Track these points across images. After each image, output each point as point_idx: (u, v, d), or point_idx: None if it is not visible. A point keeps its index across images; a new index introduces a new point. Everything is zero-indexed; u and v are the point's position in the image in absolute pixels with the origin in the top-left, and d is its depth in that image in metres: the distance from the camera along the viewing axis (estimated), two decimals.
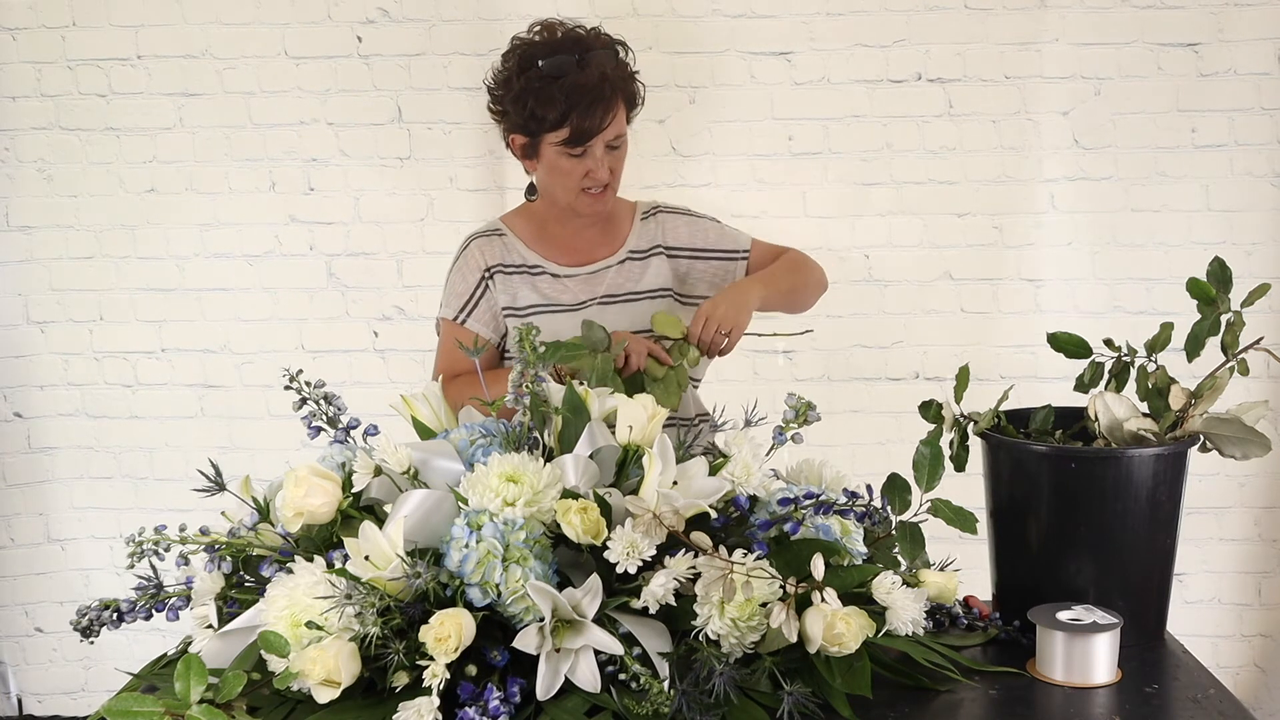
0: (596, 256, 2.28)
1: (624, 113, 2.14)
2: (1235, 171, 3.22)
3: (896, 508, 1.59)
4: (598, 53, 2.10)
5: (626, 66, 2.15)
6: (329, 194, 3.31)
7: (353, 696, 1.33)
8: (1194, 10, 3.14)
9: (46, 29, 3.25)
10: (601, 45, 2.13)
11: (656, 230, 2.32)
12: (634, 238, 2.31)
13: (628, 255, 2.29)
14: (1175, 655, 1.62)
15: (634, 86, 2.16)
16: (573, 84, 2.06)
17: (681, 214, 2.35)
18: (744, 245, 2.34)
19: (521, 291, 2.24)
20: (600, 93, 2.07)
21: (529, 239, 2.28)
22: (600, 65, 2.08)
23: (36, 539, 3.49)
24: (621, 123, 2.13)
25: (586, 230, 2.28)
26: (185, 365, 3.39)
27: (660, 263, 2.29)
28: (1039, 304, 3.29)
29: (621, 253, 2.29)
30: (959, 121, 3.23)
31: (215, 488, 1.53)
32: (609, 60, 2.11)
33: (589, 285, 2.25)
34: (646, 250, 2.30)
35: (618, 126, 2.12)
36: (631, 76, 2.15)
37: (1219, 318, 1.67)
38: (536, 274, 2.25)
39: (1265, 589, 3.41)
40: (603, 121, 2.08)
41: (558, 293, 2.24)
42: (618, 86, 2.10)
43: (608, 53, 2.12)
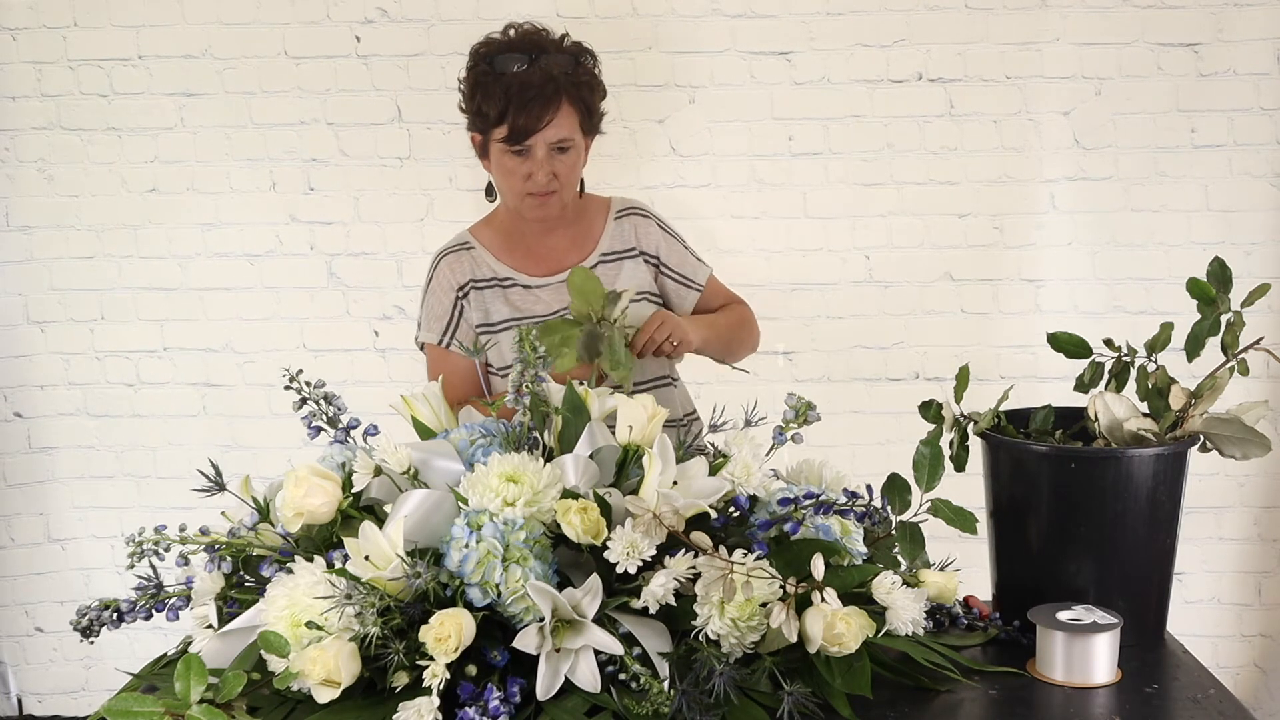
0: (567, 263, 2.22)
1: (575, 118, 2.10)
2: (1235, 171, 3.22)
3: (896, 508, 1.59)
4: (552, 56, 2.08)
5: (585, 73, 2.13)
6: (329, 194, 3.31)
7: (353, 696, 1.33)
8: (1194, 10, 3.14)
9: (47, 29, 3.25)
10: (558, 49, 2.11)
11: (631, 232, 2.28)
12: (607, 239, 2.27)
13: (600, 259, 2.24)
14: (1175, 655, 1.62)
15: (589, 94, 2.13)
16: (515, 81, 2.05)
17: (655, 222, 2.32)
18: (701, 279, 2.32)
19: (494, 306, 2.21)
20: (542, 92, 2.05)
21: (498, 250, 2.24)
22: (550, 66, 2.07)
23: (37, 539, 3.49)
24: (569, 127, 2.09)
25: (553, 236, 2.24)
26: (187, 364, 3.39)
27: (635, 265, 2.26)
28: (1039, 304, 3.29)
29: (593, 256, 2.24)
30: (959, 122, 3.23)
31: (215, 487, 1.53)
32: (563, 64, 2.09)
33: (561, 294, 2.20)
34: (620, 252, 2.26)
35: (563, 129, 2.08)
36: (589, 84, 2.13)
37: (1219, 318, 1.67)
38: (508, 286, 2.22)
39: (1265, 589, 3.41)
40: (540, 120, 2.05)
41: (530, 304, 2.21)
42: (565, 89, 2.07)
43: (563, 57, 2.10)
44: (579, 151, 2.14)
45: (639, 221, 2.29)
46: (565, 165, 2.12)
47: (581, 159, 2.17)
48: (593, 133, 2.18)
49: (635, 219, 2.29)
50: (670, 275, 2.29)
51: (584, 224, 2.27)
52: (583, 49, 2.15)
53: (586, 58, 2.15)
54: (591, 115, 2.14)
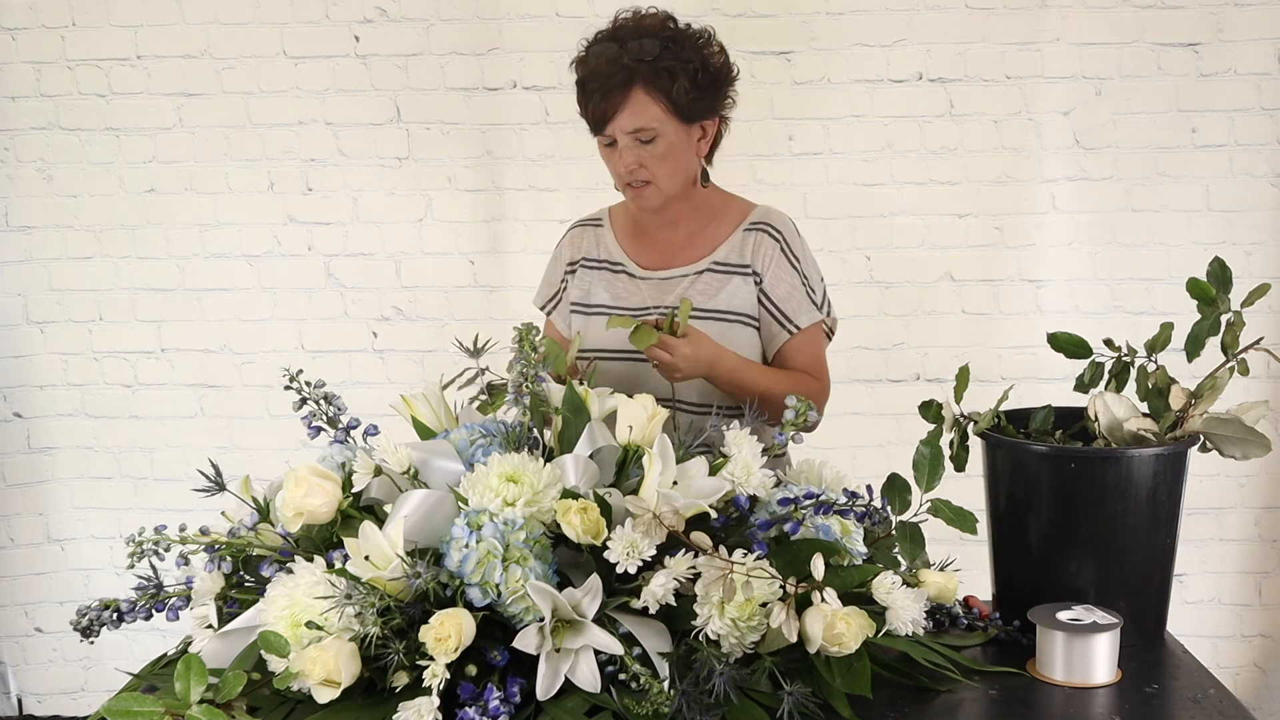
0: (677, 261, 2.12)
1: (655, 105, 1.97)
2: (1235, 171, 3.22)
3: (896, 508, 1.59)
4: (633, 42, 1.97)
5: (672, 58, 1.97)
6: (328, 194, 3.31)
7: (353, 696, 1.33)
8: (1194, 10, 3.14)
9: (46, 29, 3.25)
10: (646, 33, 1.99)
11: (751, 247, 2.11)
12: (725, 248, 2.12)
13: (710, 266, 2.11)
14: (1175, 655, 1.62)
15: (672, 80, 1.97)
16: (590, 70, 1.99)
17: (781, 245, 2.12)
18: (801, 322, 2.11)
19: (595, 288, 2.15)
20: (610, 79, 1.96)
21: (622, 232, 2.19)
22: (624, 54, 1.96)
23: (36, 539, 3.49)
24: (647, 116, 1.97)
25: (675, 230, 2.14)
26: (185, 365, 3.39)
27: (742, 284, 2.10)
28: (1040, 305, 3.30)
29: (704, 262, 2.11)
30: (960, 121, 3.23)
31: (215, 488, 1.53)
32: (642, 50, 1.96)
33: (660, 291, 2.12)
34: (734, 266, 2.11)
35: (639, 118, 1.97)
36: (671, 70, 1.96)
37: (1219, 318, 1.66)
38: (616, 271, 2.16)
39: (1265, 589, 3.41)
40: (609, 110, 1.97)
41: (630, 294, 2.13)
42: (642, 76, 1.95)
43: (647, 42, 1.97)
44: (669, 141, 2.00)
45: (763, 239, 2.11)
46: (653, 155, 2.00)
47: (682, 148, 2.03)
48: (695, 119, 2.02)
49: (762, 235, 2.11)
50: (769, 307, 2.10)
51: (713, 226, 2.14)
52: (680, 32, 2.01)
53: (682, 41, 2.00)
54: (679, 101, 1.98)
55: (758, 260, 2.10)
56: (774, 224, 2.13)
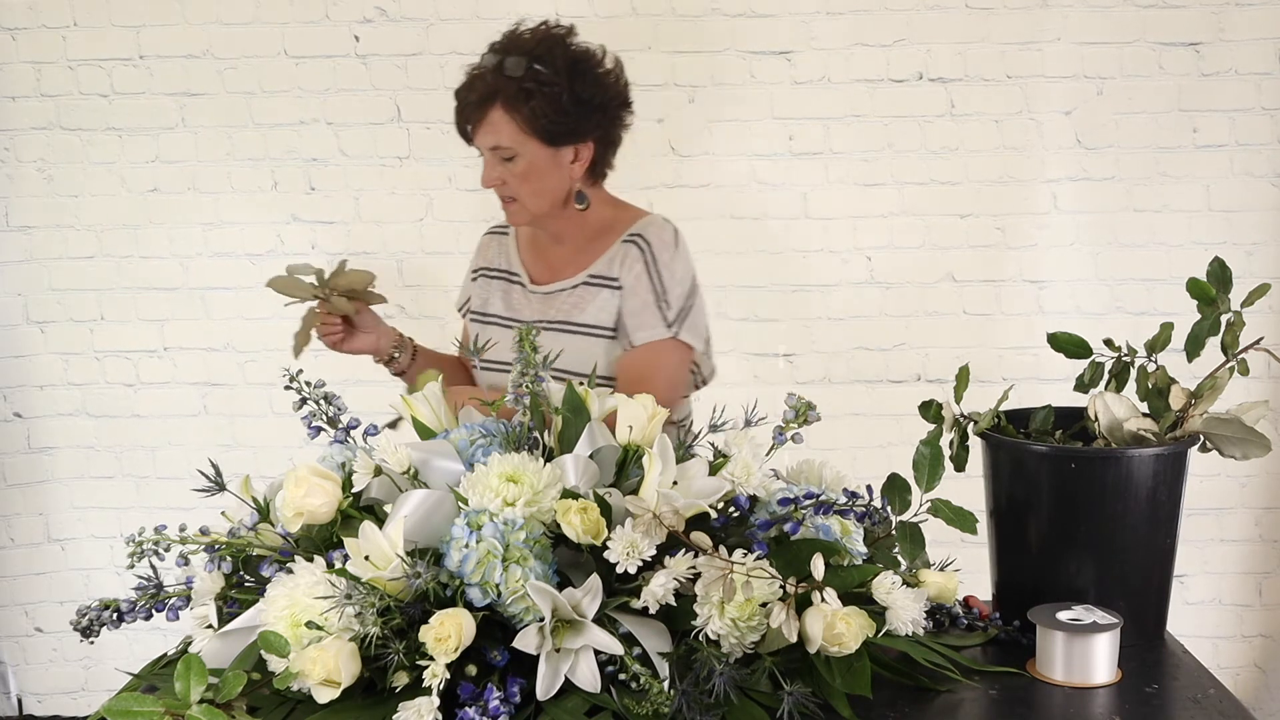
0: (562, 275, 2.12)
1: (513, 125, 1.97)
2: (1236, 171, 3.22)
3: (896, 508, 1.59)
4: (506, 58, 1.97)
5: (537, 78, 1.95)
6: (329, 193, 3.31)
7: (353, 696, 1.33)
8: (1195, 10, 3.14)
9: (47, 29, 3.25)
10: (519, 50, 1.98)
11: (621, 260, 2.08)
12: (603, 261, 2.09)
13: (586, 279, 2.09)
14: (1175, 655, 1.62)
15: (533, 101, 1.95)
16: (463, 82, 2.03)
17: (646, 257, 2.07)
18: (637, 339, 2.05)
19: (493, 298, 2.19)
20: (471, 93, 1.99)
21: (524, 244, 2.22)
22: (493, 69, 1.97)
23: (36, 539, 3.49)
24: (506, 134, 1.97)
25: (563, 246, 2.14)
26: (188, 364, 3.40)
27: (610, 298, 2.07)
28: (1041, 305, 3.29)
29: (582, 275, 2.10)
30: (961, 121, 3.23)
31: (215, 487, 1.53)
32: (508, 67, 1.96)
33: (546, 305, 2.12)
34: (605, 279, 2.08)
35: (498, 136, 1.97)
36: (535, 91, 1.95)
37: (1219, 318, 1.66)
38: (513, 282, 2.18)
39: (1266, 589, 3.41)
40: (467, 124, 2.01)
41: (522, 306, 2.15)
42: (503, 94, 1.95)
43: (514, 60, 1.96)
44: (530, 161, 1.99)
45: (630, 251, 2.07)
46: (512, 174, 2.00)
47: (544, 168, 2.01)
48: (560, 141, 2.00)
49: (631, 247, 2.08)
50: (622, 318, 2.06)
51: (599, 240, 2.12)
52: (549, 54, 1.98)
53: (551, 62, 1.97)
54: (540, 122, 1.96)
55: (623, 272, 2.07)
56: (646, 236, 2.08)
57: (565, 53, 2.00)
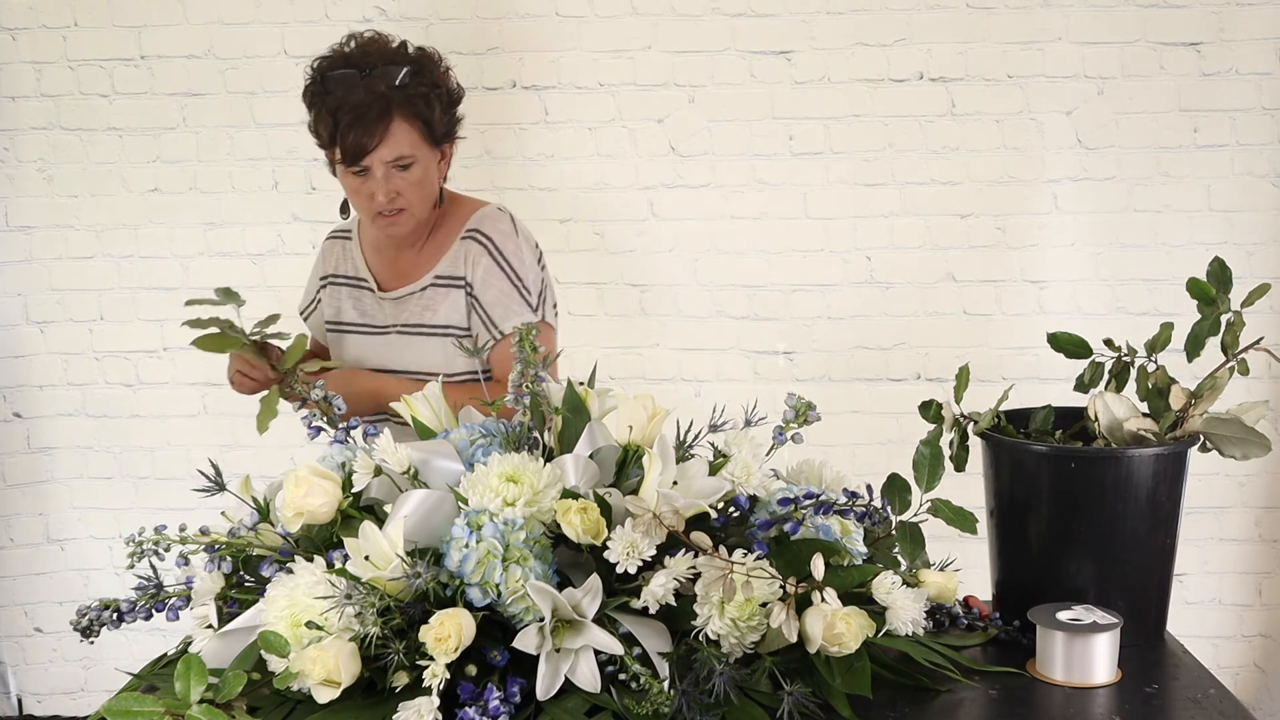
0: (410, 278, 2.13)
1: (412, 133, 2.00)
2: (1236, 171, 3.22)
3: (896, 508, 1.59)
4: (381, 70, 1.97)
5: (422, 84, 2.00)
6: (330, 193, 3.30)
7: (353, 696, 1.33)
8: (1196, 9, 3.14)
9: (47, 29, 3.25)
10: (391, 61, 2.00)
11: (463, 257, 2.10)
12: (446, 260, 2.11)
13: (433, 280, 2.11)
14: (1175, 655, 1.62)
15: (427, 106, 2.00)
16: (341, 101, 1.96)
17: (490, 248, 2.09)
18: (505, 326, 2.07)
19: (345, 305, 2.18)
20: (369, 111, 1.95)
21: (368, 248, 2.21)
22: (378, 82, 1.96)
23: (36, 539, 3.49)
24: (406, 144, 1.99)
25: (406, 249, 2.15)
26: (188, 364, 3.39)
27: (460, 297, 2.09)
28: (1041, 305, 3.29)
29: (428, 276, 2.12)
30: (961, 121, 3.23)
31: (215, 487, 1.53)
32: (392, 77, 1.98)
33: (398, 309, 2.13)
34: (450, 279, 2.10)
35: (399, 147, 1.98)
36: (425, 96, 2.00)
37: (1219, 318, 1.66)
38: (362, 288, 2.18)
39: (1266, 589, 3.41)
40: (369, 141, 1.96)
41: (375, 312, 2.16)
42: (397, 105, 1.97)
43: (395, 69, 1.98)
44: (424, 166, 2.03)
45: (471, 248, 2.10)
46: (408, 183, 2.01)
47: (432, 172, 2.06)
48: (441, 142, 2.06)
49: (471, 243, 2.10)
50: (480, 313, 2.08)
51: (439, 234, 2.14)
52: (423, 57, 2.04)
53: (426, 66, 2.03)
54: (434, 126, 2.02)
55: (469, 269, 2.09)
56: (484, 230, 2.11)
57: (427, 55, 2.06)
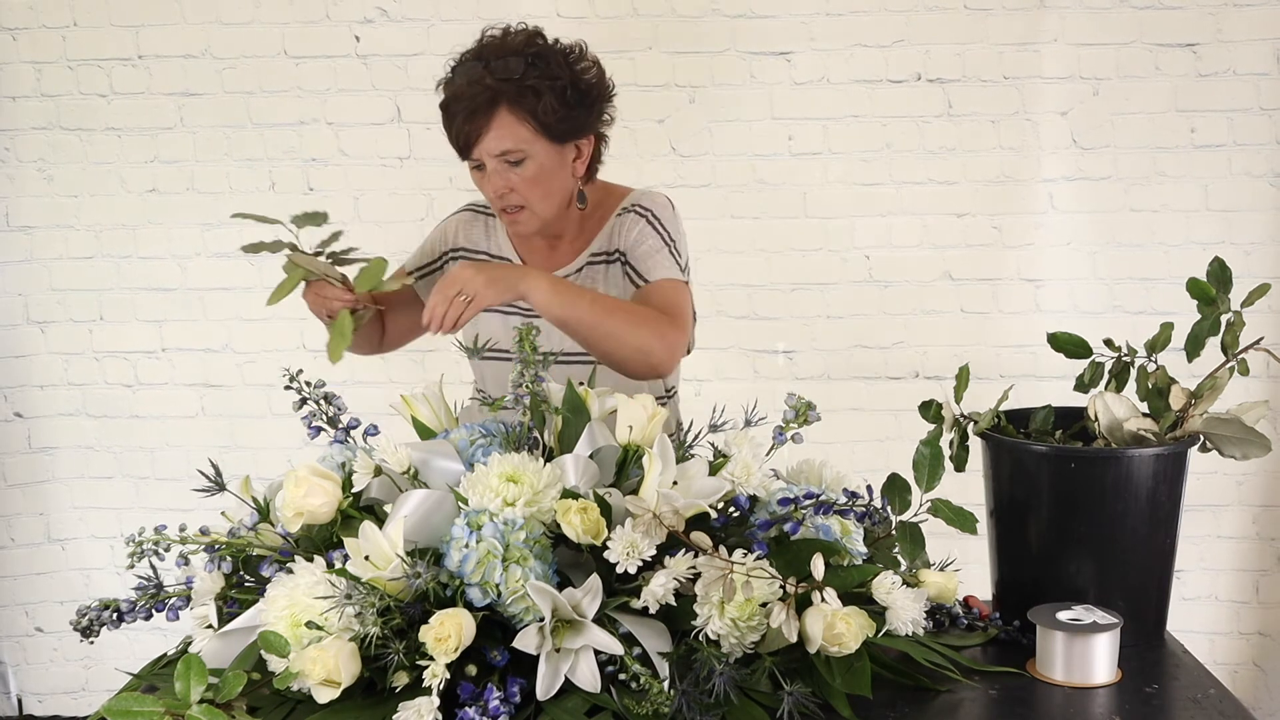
0: (560, 263, 2.07)
1: (523, 126, 1.90)
2: (1234, 171, 3.23)
3: (896, 508, 1.59)
4: (504, 61, 1.89)
5: (538, 76, 1.89)
6: (329, 194, 3.31)
7: (353, 696, 1.33)
8: (1193, 10, 3.15)
9: (47, 29, 3.25)
10: (510, 51, 1.91)
11: (619, 231, 2.05)
12: (601, 238, 2.06)
13: (588, 260, 2.05)
14: (1175, 655, 1.62)
15: (538, 99, 1.89)
16: (454, 92, 1.92)
17: (647, 218, 2.04)
18: (652, 276, 2.00)
19: None
20: (474, 101, 1.88)
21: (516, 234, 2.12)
22: (487, 74, 1.88)
23: (36, 539, 3.49)
24: (514, 137, 1.90)
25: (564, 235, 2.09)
26: (186, 365, 3.40)
27: (616, 272, 2.04)
28: (1039, 304, 3.30)
29: (583, 257, 2.06)
30: (958, 122, 3.23)
31: (215, 488, 1.53)
32: (506, 69, 1.89)
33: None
34: (609, 254, 2.05)
35: (504, 140, 1.89)
36: (537, 89, 1.89)
37: (1219, 318, 1.67)
38: None
39: (1263, 587, 3.42)
40: (474, 132, 1.89)
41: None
42: (507, 96, 1.88)
43: (511, 61, 1.89)
44: (539, 162, 1.93)
45: (629, 219, 2.04)
46: (523, 179, 1.93)
47: (554, 169, 1.95)
48: (565, 139, 1.95)
49: (628, 215, 2.05)
50: (630, 270, 2.02)
51: (595, 219, 2.07)
52: (547, 49, 1.93)
53: (549, 58, 1.92)
54: (546, 121, 1.90)
55: (623, 239, 2.03)
56: (643, 204, 2.06)
57: (554, 48, 1.95)
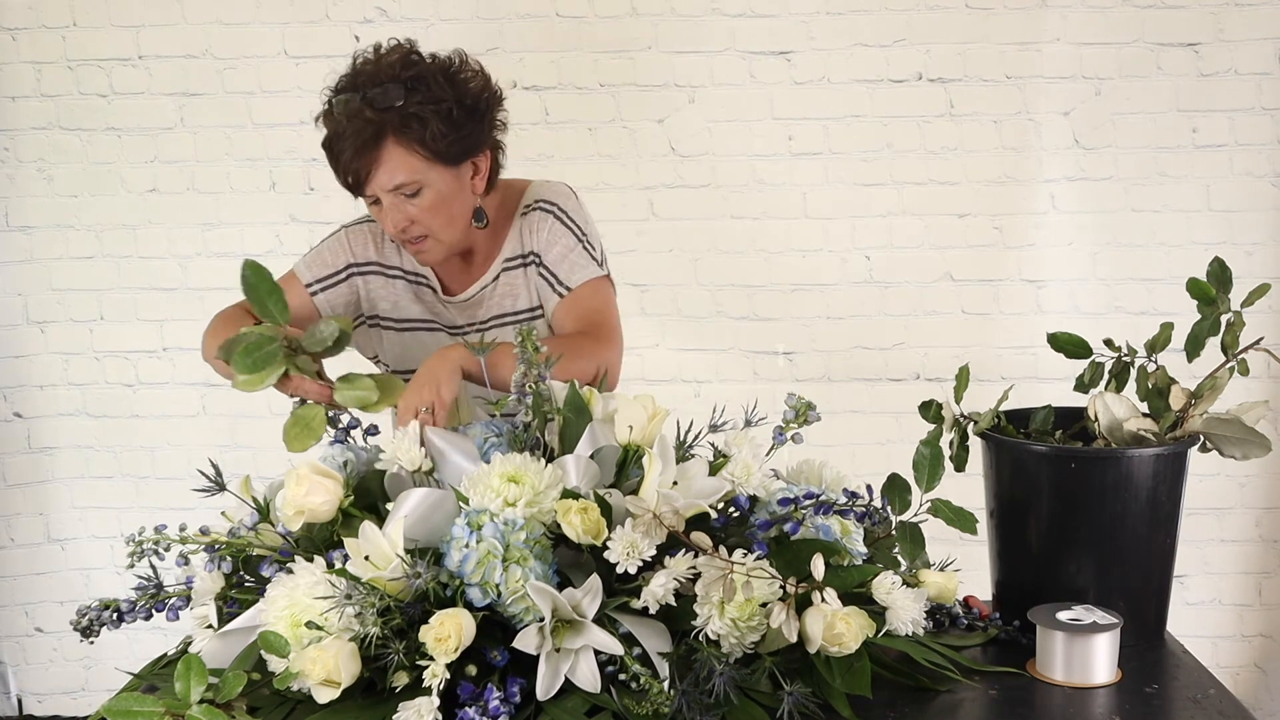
0: (475, 275, 1.98)
1: (413, 156, 1.78)
2: (1235, 171, 3.22)
3: (896, 508, 1.59)
4: (381, 89, 1.76)
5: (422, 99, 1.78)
6: (329, 194, 3.30)
7: (353, 696, 1.33)
8: (1194, 10, 3.14)
9: (47, 29, 3.25)
10: (386, 77, 1.78)
11: (528, 231, 1.96)
12: (512, 241, 1.97)
13: (503, 266, 1.97)
14: (1175, 655, 1.62)
15: (421, 128, 1.77)
16: (335, 129, 1.79)
17: (554, 214, 1.95)
18: (572, 281, 1.92)
19: (404, 301, 2.00)
20: (356, 138, 1.76)
21: None
22: (366, 106, 1.76)
23: (36, 539, 3.49)
24: (405, 169, 1.78)
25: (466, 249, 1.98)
26: (187, 364, 3.39)
27: (534, 274, 1.95)
28: (1040, 305, 3.30)
29: (497, 265, 1.97)
30: (959, 122, 3.23)
31: (215, 487, 1.53)
32: (386, 96, 1.76)
33: (471, 310, 2.00)
34: (523, 256, 1.97)
35: (396, 174, 1.78)
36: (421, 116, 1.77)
37: (1219, 318, 1.66)
38: (421, 284, 2.01)
39: (1266, 589, 3.41)
40: (363, 170, 1.78)
41: (442, 312, 2.01)
42: (393, 129, 1.76)
43: (391, 87, 1.76)
44: (437, 190, 1.82)
45: (535, 217, 1.95)
46: (421, 209, 1.82)
47: (453, 193, 1.85)
48: (458, 160, 1.84)
49: (534, 214, 1.96)
50: (544, 275, 1.94)
51: (499, 224, 1.98)
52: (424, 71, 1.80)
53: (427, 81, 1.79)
54: (436, 147, 1.79)
55: (534, 239, 1.95)
56: (547, 198, 1.97)
57: (432, 66, 1.83)
